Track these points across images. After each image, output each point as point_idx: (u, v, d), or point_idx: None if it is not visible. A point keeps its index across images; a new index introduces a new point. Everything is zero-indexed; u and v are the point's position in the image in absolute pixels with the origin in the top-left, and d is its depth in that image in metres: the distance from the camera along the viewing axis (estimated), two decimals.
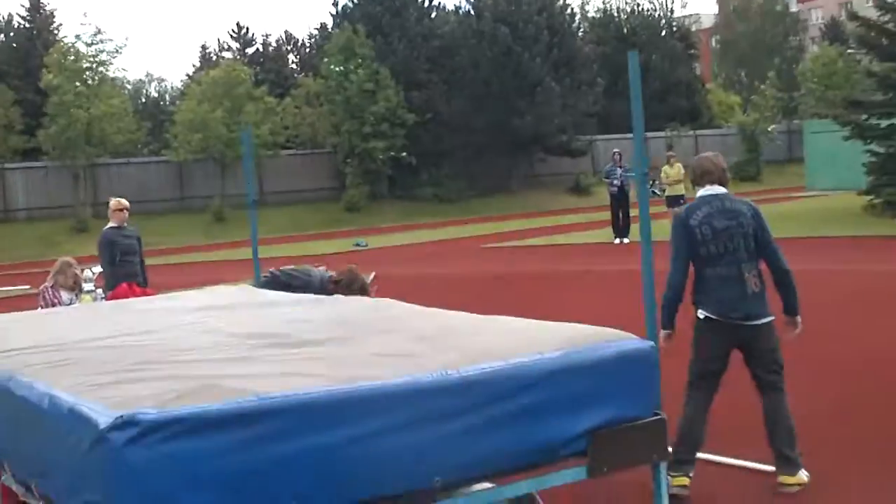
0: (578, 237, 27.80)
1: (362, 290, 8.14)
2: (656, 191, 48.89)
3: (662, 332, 6.25)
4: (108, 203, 12.14)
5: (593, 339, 4.36)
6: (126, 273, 11.26)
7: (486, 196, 48.05)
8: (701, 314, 6.23)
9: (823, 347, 9.84)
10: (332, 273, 8.18)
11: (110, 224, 11.62)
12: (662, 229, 24.74)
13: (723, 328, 6.17)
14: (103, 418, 3.52)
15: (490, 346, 4.23)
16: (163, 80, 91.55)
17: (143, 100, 67.21)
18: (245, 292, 7.59)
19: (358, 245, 31.71)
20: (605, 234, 26.09)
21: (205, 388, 3.74)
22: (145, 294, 9.33)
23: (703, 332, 6.27)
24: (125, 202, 11.81)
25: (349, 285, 8.02)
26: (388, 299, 6.19)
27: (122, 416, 3.45)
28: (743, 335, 6.19)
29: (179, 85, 69.77)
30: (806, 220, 25.47)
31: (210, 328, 5.61)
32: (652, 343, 4.52)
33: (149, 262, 12.51)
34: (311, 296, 7.14)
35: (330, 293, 8.05)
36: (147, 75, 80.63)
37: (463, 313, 5.46)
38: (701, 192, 6.42)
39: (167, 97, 69.40)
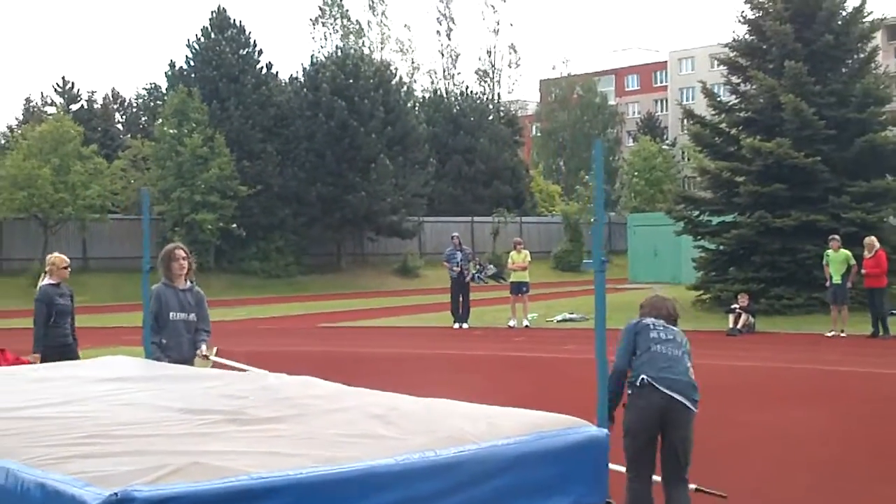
0: (415, 320, 27.80)
1: (171, 257, 9.32)
2: (482, 277, 49.68)
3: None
4: None
5: (557, 425, 4.47)
6: (56, 335, 10.77)
7: (314, 273, 47.71)
8: (639, 381, 6.42)
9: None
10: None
11: (49, 281, 10.96)
12: (500, 315, 24.73)
13: (654, 394, 6.38)
14: (92, 496, 3.41)
15: (459, 430, 4.28)
16: None
17: None
18: (138, 364, 7.45)
19: None
20: (442, 318, 26.12)
21: (192, 465, 3.67)
22: (18, 362, 8.94)
23: (634, 399, 6.48)
24: (67, 259, 11.25)
25: (170, 261, 9.37)
26: (306, 376, 6.16)
27: (116, 494, 3.36)
28: (669, 408, 6.39)
29: None
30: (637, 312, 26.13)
31: (131, 401, 5.47)
32: (606, 431, 4.67)
33: None
34: (219, 371, 7.05)
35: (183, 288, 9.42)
36: None
37: (394, 394, 5.48)
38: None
39: None
